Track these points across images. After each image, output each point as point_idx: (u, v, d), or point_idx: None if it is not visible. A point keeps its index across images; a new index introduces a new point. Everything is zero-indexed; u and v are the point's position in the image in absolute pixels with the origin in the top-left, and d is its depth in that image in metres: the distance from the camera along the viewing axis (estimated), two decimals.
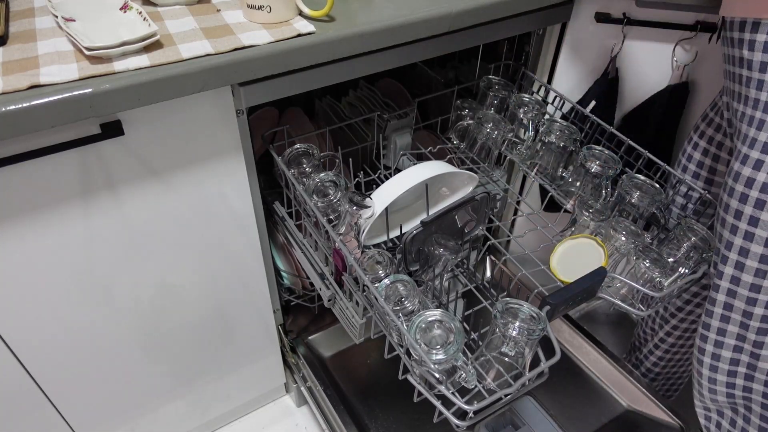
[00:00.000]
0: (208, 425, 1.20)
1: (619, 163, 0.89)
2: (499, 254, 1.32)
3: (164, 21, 0.76)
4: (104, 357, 0.89)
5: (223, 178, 0.83)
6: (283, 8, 0.76)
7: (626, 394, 1.09)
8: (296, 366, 1.14)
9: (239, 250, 0.93)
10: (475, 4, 0.84)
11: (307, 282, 1.13)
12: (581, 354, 1.16)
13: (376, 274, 0.74)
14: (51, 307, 0.78)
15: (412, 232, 0.78)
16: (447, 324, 0.65)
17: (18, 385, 0.83)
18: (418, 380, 0.69)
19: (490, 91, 1.04)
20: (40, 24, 0.74)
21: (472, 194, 0.84)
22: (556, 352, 0.66)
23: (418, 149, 1.11)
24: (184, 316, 0.94)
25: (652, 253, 0.79)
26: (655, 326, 1.10)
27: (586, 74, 1.07)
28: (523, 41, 1.10)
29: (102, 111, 0.63)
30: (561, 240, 0.82)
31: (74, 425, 0.94)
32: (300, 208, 0.90)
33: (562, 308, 0.72)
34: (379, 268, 0.75)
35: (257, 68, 0.72)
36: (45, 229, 0.72)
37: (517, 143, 1.04)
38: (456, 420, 0.66)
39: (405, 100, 1.17)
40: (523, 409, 1.07)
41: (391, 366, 1.16)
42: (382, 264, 0.75)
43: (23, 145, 0.64)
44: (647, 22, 0.97)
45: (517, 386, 0.67)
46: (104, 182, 0.73)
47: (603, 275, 0.72)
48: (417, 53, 0.86)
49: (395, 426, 1.07)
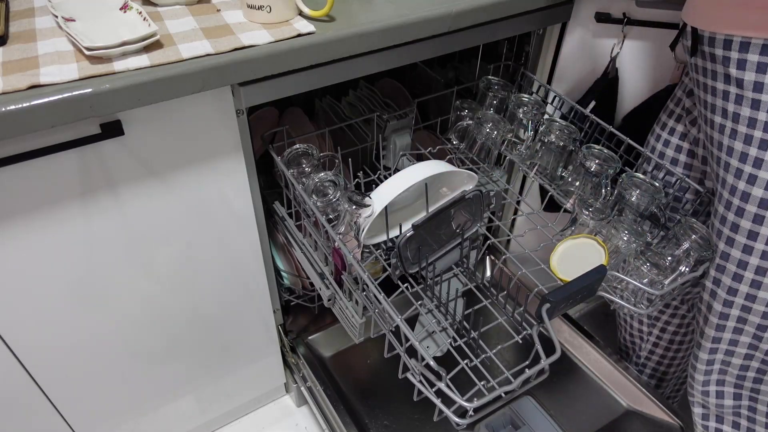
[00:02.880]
0: (208, 425, 1.20)
1: (619, 162, 0.89)
2: (499, 253, 1.32)
3: (164, 21, 0.76)
4: (104, 357, 0.89)
5: (223, 178, 0.83)
6: (283, 8, 0.76)
7: (626, 394, 1.09)
8: (296, 366, 1.14)
9: (239, 250, 0.93)
10: (475, 4, 0.84)
11: (307, 282, 1.13)
12: (581, 354, 1.16)
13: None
14: (51, 307, 0.78)
15: (405, 235, 0.79)
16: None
17: (18, 385, 0.83)
18: (419, 378, 0.69)
19: (489, 91, 1.04)
20: (40, 24, 0.74)
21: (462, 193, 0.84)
22: (557, 350, 0.66)
23: (417, 149, 1.11)
24: (184, 316, 0.94)
25: (652, 255, 0.79)
26: (643, 327, 1.11)
27: (586, 74, 1.07)
28: (523, 41, 1.10)
29: (102, 111, 0.64)
30: (561, 239, 0.82)
31: (74, 425, 0.94)
32: (300, 208, 0.90)
33: (563, 306, 0.72)
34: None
35: (257, 68, 0.72)
36: (45, 229, 0.72)
37: (516, 143, 1.04)
38: (456, 418, 0.66)
39: (405, 100, 1.17)
40: (523, 409, 1.07)
41: (391, 366, 1.16)
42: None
43: (23, 145, 0.64)
44: (647, 22, 0.97)
45: (517, 383, 0.67)
46: (104, 182, 0.73)
47: (603, 273, 0.72)
48: (417, 53, 0.86)
49: (395, 426, 1.07)
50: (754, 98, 0.68)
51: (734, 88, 0.70)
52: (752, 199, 0.72)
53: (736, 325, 0.82)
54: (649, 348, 1.13)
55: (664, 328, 1.08)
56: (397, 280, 0.83)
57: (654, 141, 0.94)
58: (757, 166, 0.71)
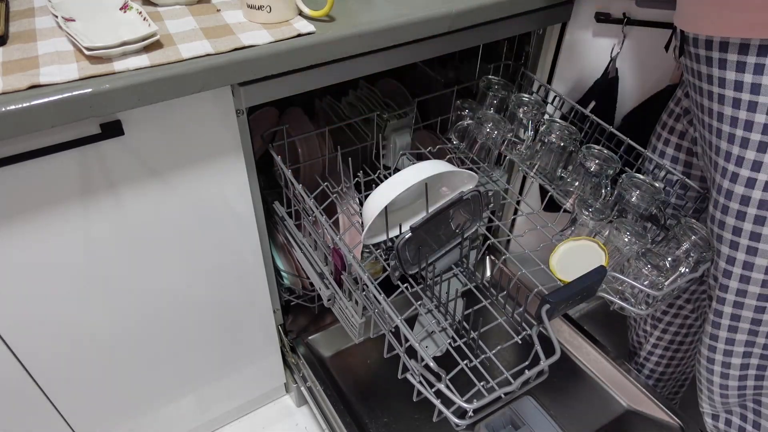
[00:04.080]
0: (208, 425, 1.20)
1: (619, 163, 0.89)
2: (498, 254, 1.32)
3: (164, 21, 0.76)
4: (104, 357, 0.89)
5: (223, 178, 0.83)
6: (283, 8, 0.76)
7: (626, 394, 1.09)
8: (296, 366, 1.14)
9: (239, 250, 0.93)
10: (475, 4, 0.84)
11: (307, 282, 1.13)
12: (581, 354, 1.16)
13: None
14: (50, 307, 0.79)
15: (404, 237, 0.79)
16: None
17: (18, 385, 0.83)
18: (418, 379, 0.69)
19: (489, 91, 1.04)
20: (40, 24, 0.74)
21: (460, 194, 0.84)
22: (556, 351, 0.66)
23: (417, 149, 1.11)
24: (184, 316, 0.94)
25: (652, 256, 0.79)
26: (647, 327, 1.11)
27: (586, 74, 1.07)
28: (523, 41, 1.10)
29: (102, 111, 0.64)
30: (562, 240, 0.82)
31: (74, 425, 0.94)
32: (299, 207, 0.90)
33: (563, 307, 0.72)
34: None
35: (257, 68, 0.72)
36: (45, 228, 0.72)
37: (516, 143, 1.04)
38: (456, 419, 0.66)
39: (405, 100, 1.17)
40: (523, 409, 1.07)
41: (391, 366, 1.16)
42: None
43: (23, 145, 0.64)
44: (647, 22, 0.97)
45: (517, 384, 0.67)
46: (104, 182, 0.73)
47: (603, 274, 0.72)
48: (417, 53, 0.86)
49: (395, 426, 1.07)
50: (735, 97, 0.69)
51: (717, 87, 0.71)
52: (734, 197, 0.73)
53: (731, 323, 0.82)
54: (648, 348, 1.13)
55: (665, 329, 1.08)
56: (397, 281, 0.83)
57: (655, 141, 0.94)
58: (739, 164, 0.72)
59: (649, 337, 1.11)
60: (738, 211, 0.74)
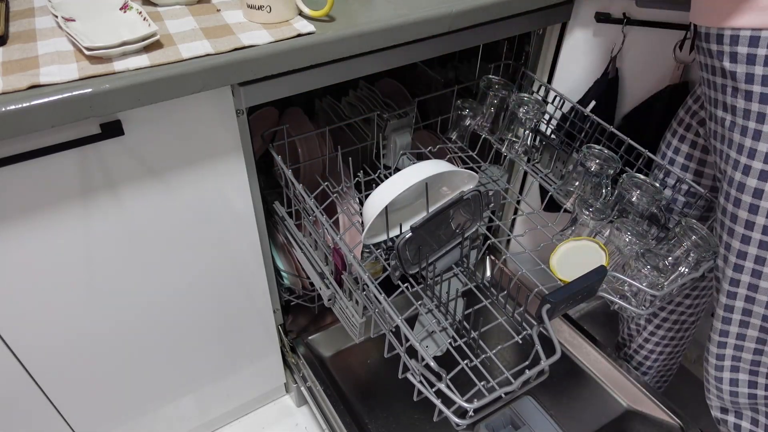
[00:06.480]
0: (208, 425, 1.20)
1: (619, 162, 0.89)
2: (499, 253, 1.32)
3: (164, 21, 0.76)
4: (104, 357, 0.89)
5: (223, 178, 0.83)
6: (283, 8, 0.76)
7: (626, 394, 1.09)
8: (296, 366, 1.14)
9: (239, 250, 0.93)
10: (475, 4, 0.84)
11: (307, 282, 1.13)
12: (581, 354, 1.16)
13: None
14: (50, 307, 0.78)
15: (404, 237, 0.79)
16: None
17: (18, 385, 0.83)
18: (419, 378, 0.69)
19: (490, 90, 1.04)
20: (40, 24, 0.74)
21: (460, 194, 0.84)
22: (557, 351, 0.66)
23: (418, 149, 1.11)
24: (184, 316, 0.94)
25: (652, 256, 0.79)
26: (641, 321, 1.11)
27: (586, 74, 1.07)
28: (523, 41, 1.10)
29: (102, 111, 0.64)
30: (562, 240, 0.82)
31: (74, 425, 0.94)
32: (300, 207, 0.90)
33: (563, 307, 0.72)
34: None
35: (257, 68, 0.72)
36: (45, 228, 0.72)
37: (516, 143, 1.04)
38: (456, 419, 0.66)
39: (405, 100, 1.17)
40: (523, 409, 1.07)
41: (391, 366, 1.16)
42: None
43: (23, 145, 0.64)
44: (647, 22, 0.97)
45: (517, 384, 0.67)
46: (104, 182, 0.73)
47: (603, 274, 0.72)
48: (417, 53, 0.86)
49: (395, 426, 1.07)
50: (747, 89, 0.70)
51: (729, 81, 0.72)
52: (747, 190, 0.73)
53: (741, 317, 0.82)
54: (639, 342, 1.13)
55: (660, 324, 1.08)
56: (397, 281, 0.83)
57: (665, 148, 0.95)
58: (751, 157, 0.72)
59: (642, 331, 1.11)
60: (751, 204, 0.73)
